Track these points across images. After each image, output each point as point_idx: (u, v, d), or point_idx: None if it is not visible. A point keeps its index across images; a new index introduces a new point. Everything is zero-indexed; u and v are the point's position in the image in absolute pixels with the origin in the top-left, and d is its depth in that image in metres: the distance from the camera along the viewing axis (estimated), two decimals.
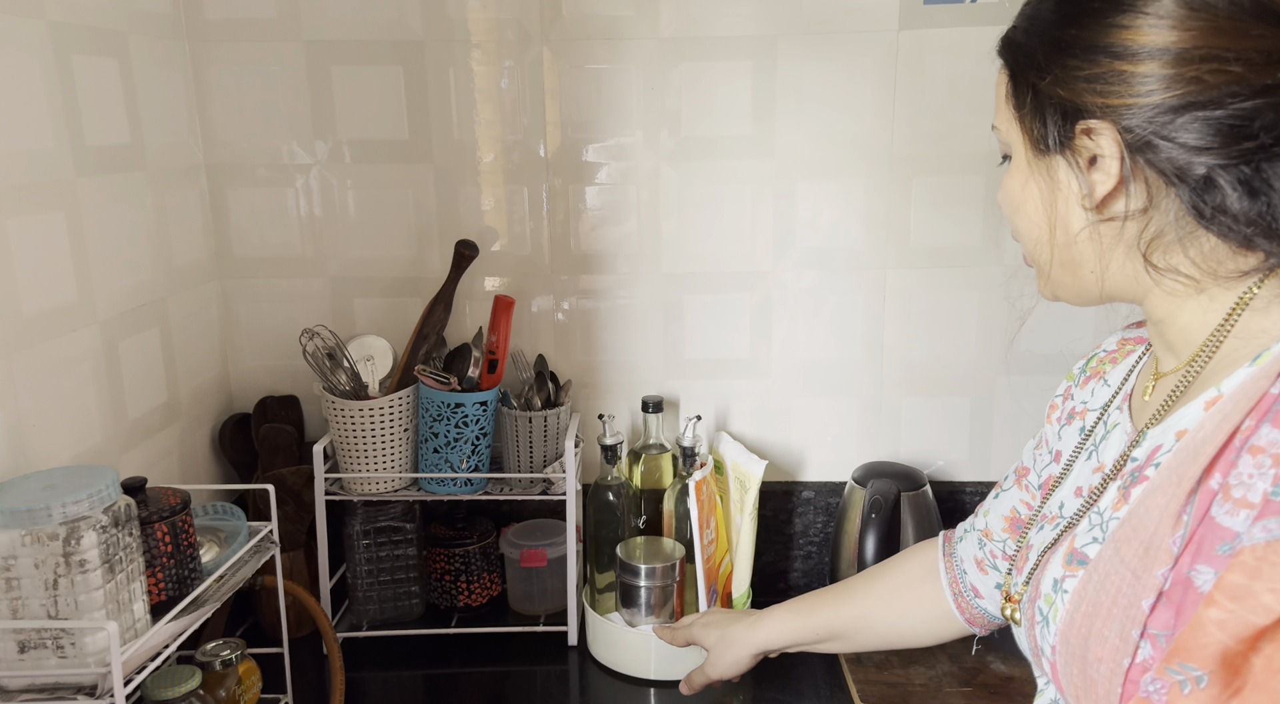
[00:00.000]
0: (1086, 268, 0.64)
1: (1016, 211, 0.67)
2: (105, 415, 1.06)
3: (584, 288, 1.35)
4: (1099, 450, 0.72)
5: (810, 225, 1.32)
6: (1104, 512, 0.64)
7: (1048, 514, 0.74)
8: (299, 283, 1.35)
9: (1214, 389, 0.59)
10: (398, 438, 1.23)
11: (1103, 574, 0.59)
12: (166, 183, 1.20)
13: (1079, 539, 0.65)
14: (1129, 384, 0.74)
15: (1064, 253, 0.65)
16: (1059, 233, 0.64)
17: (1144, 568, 0.55)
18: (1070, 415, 0.81)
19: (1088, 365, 0.83)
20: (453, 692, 1.18)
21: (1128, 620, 0.55)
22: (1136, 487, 0.61)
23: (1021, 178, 0.66)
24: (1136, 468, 0.63)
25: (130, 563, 0.83)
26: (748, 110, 1.28)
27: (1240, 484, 0.51)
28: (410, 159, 1.30)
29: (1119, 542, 0.58)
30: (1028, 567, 0.72)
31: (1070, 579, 0.62)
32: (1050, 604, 0.64)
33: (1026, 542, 0.76)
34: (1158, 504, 0.56)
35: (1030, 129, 0.63)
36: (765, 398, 1.38)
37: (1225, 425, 0.54)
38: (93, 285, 1.04)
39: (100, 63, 1.06)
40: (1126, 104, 0.57)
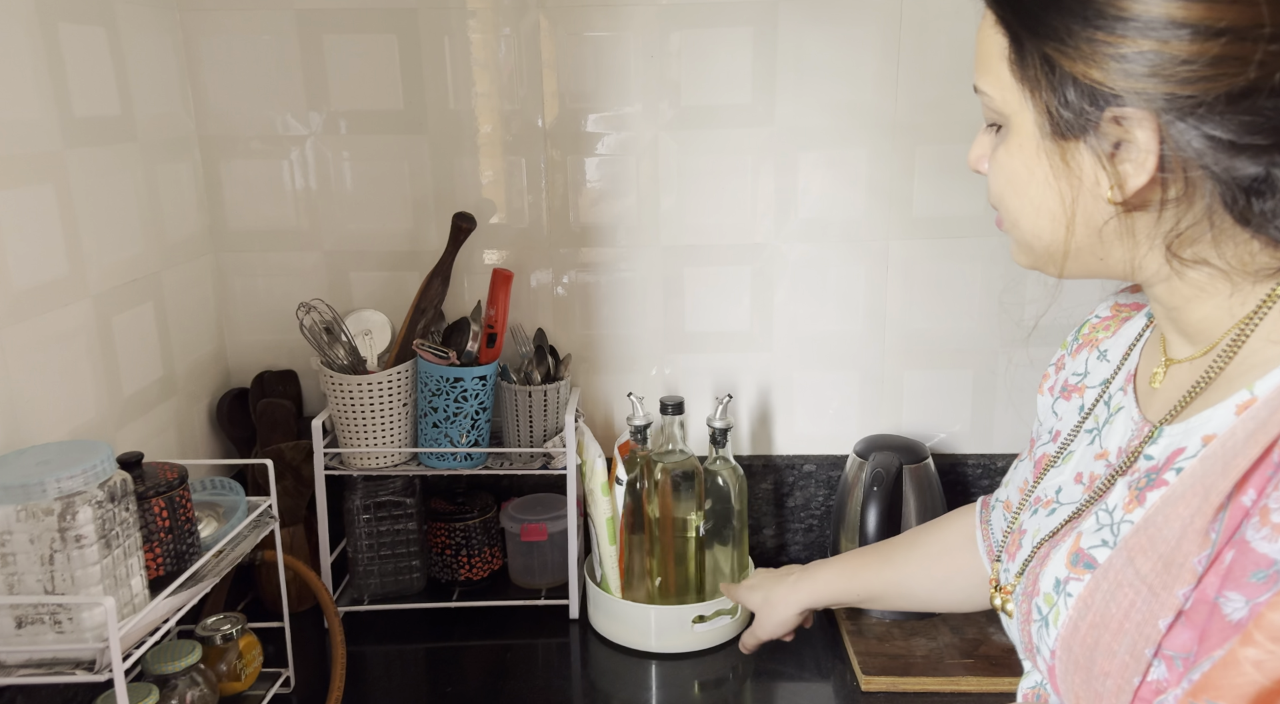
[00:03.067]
0: (1093, 255, 0.59)
1: (1016, 194, 0.60)
2: (100, 390, 1.05)
3: (583, 261, 1.34)
4: (1102, 435, 0.68)
5: (811, 196, 1.30)
6: (1113, 511, 0.60)
7: (1042, 497, 0.70)
8: (295, 256, 1.33)
9: (1246, 392, 0.54)
10: (397, 412, 1.22)
11: (1113, 584, 0.54)
12: (158, 155, 1.19)
13: (1086, 539, 0.60)
14: (1130, 361, 0.70)
15: (1082, 242, 0.58)
16: (1077, 225, 0.57)
17: (1163, 585, 0.51)
18: (1065, 388, 0.77)
19: (1079, 333, 0.79)
20: (454, 665, 1.18)
21: (1140, 638, 0.52)
22: (1153, 490, 0.57)
23: (1026, 158, 0.58)
24: (1153, 468, 0.58)
25: (127, 538, 0.82)
26: (748, 79, 1.26)
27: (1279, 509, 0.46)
28: (406, 130, 1.28)
29: (1133, 550, 0.54)
30: (1021, 554, 0.68)
31: (1075, 582, 0.58)
32: (1050, 605, 0.60)
33: (1019, 525, 0.72)
34: (1179, 516, 0.52)
35: (1045, 108, 0.55)
36: (766, 371, 1.37)
37: (1261, 436, 0.49)
38: (84, 259, 1.03)
39: (88, 31, 1.04)
40: (1172, 93, 0.49)
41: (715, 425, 1.22)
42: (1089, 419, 0.71)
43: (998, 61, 0.58)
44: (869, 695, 1.10)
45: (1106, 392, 0.70)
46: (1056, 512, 0.67)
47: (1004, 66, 0.57)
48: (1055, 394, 0.79)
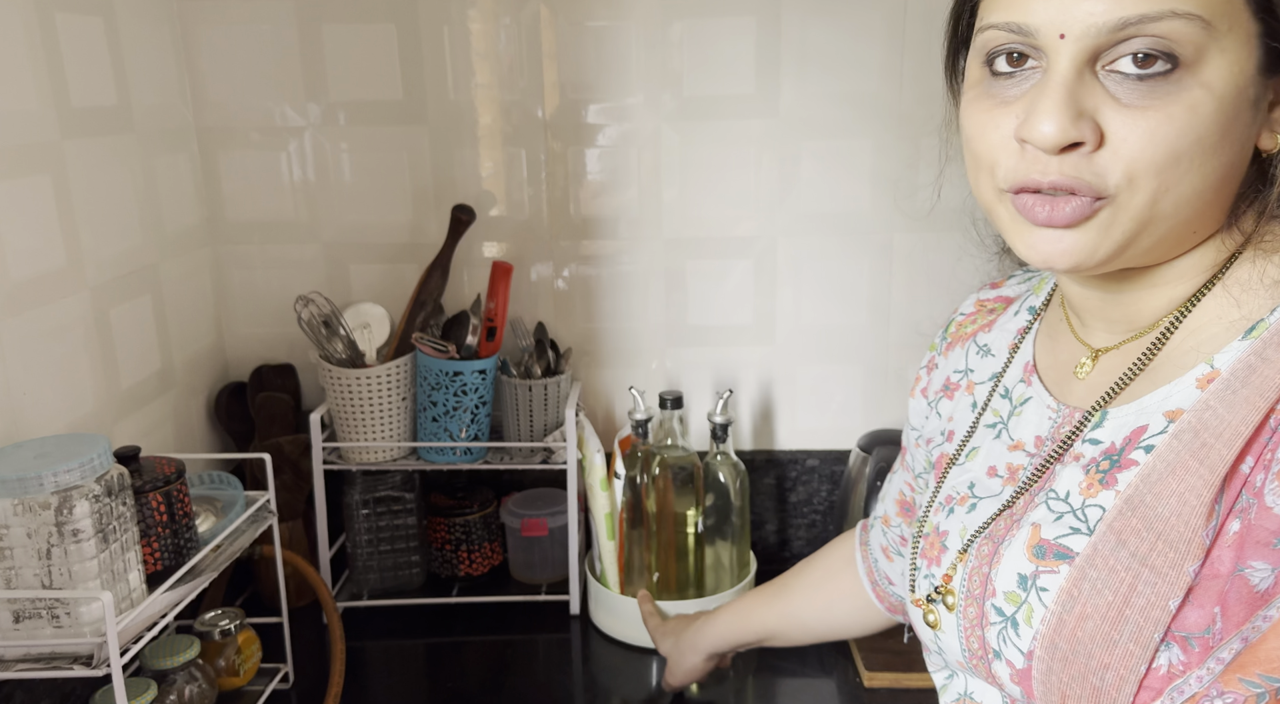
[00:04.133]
0: (1194, 224, 0.53)
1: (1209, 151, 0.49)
2: (97, 383, 1.04)
3: (584, 254, 1.33)
4: (1009, 427, 0.66)
5: (815, 188, 1.29)
6: (1068, 497, 0.57)
7: (954, 495, 0.67)
8: (293, 249, 1.32)
9: (1205, 365, 0.53)
10: (396, 406, 1.21)
11: (1104, 571, 0.52)
12: (156, 146, 1.18)
13: (1048, 530, 0.56)
14: (1023, 353, 0.68)
15: (1205, 206, 0.52)
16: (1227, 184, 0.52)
17: (1168, 564, 0.49)
18: (947, 387, 0.75)
19: (947, 332, 0.79)
20: (454, 661, 1.17)
21: (1147, 622, 0.49)
22: (1121, 471, 0.54)
23: (1236, 106, 0.48)
24: (1109, 451, 0.56)
25: (124, 532, 0.81)
26: (751, 69, 1.25)
27: None
28: (405, 121, 1.27)
29: (1122, 533, 0.52)
30: (946, 556, 0.64)
31: (1049, 575, 0.55)
32: (1017, 604, 0.56)
33: (931, 528, 0.68)
34: (1173, 492, 0.50)
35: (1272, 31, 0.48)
36: (769, 365, 1.36)
37: (1257, 403, 0.48)
38: (81, 251, 1.02)
39: (84, 21, 1.03)
40: None
41: (716, 421, 1.21)
42: (986, 413, 0.69)
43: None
44: (871, 692, 1.09)
45: (1000, 384, 0.69)
46: (978, 507, 0.64)
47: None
48: (934, 395, 0.77)
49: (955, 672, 0.66)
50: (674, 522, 1.21)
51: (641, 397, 1.20)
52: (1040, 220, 0.52)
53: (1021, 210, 0.53)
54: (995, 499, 0.63)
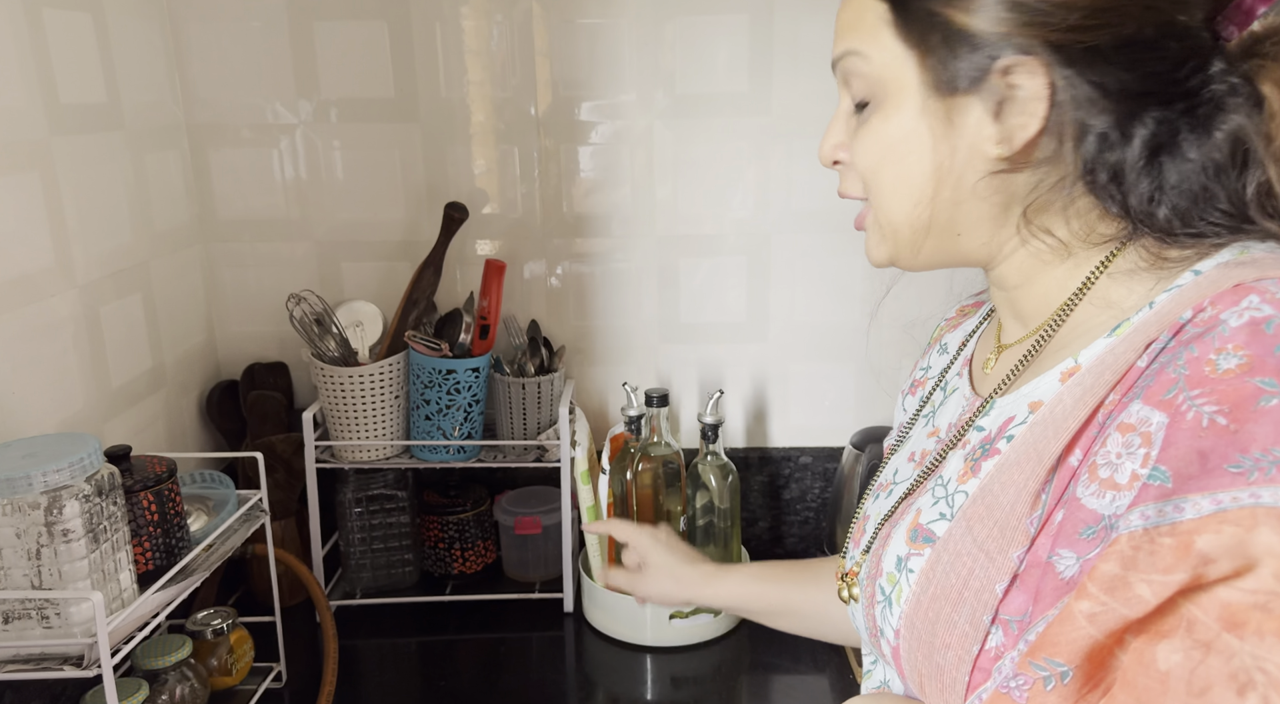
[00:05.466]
0: (952, 230, 0.58)
1: (894, 165, 0.58)
2: (88, 383, 1.04)
3: (577, 251, 1.32)
4: (935, 415, 0.69)
5: (808, 185, 1.29)
6: (948, 483, 0.59)
7: (883, 482, 0.70)
8: (285, 247, 1.32)
9: (1070, 360, 0.55)
10: (388, 405, 1.21)
11: (953, 554, 0.54)
12: (146, 143, 1.17)
13: (925, 515, 0.60)
14: (967, 350, 0.71)
15: (946, 213, 0.57)
16: (948, 190, 0.56)
17: (998, 549, 0.52)
18: (912, 385, 0.79)
19: (933, 334, 0.82)
20: (448, 659, 1.17)
21: (979, 605, 0.52)
22: (987, 460, 0.57)
23: (905, 122, 0.56)
24: (985, 439, 0.59)
25: (115, 532, 0.81)
26: (744, 67, 1.25)
27: (1108, 464, 0.47)
28: (397, 118, 1.27)
29: (970, 519, 0.54)
30: (864, 538, 0.67)
31: (916, 557, 0.58)
32: (893, 584, 0.59)
33: (863, 511, 0.71)
34: (1013, 481, 0.53)
35: (931, 64, 0.55)
36: (762, 362, 1.36)
37: (1088, 399, 0.51)
38: (70, 249, 1.01)
39: (73, 17, 1.03)
40: (1058, 39, 0.50)
41: (705, 421, 1.21)
42: (925, 406, 0.72)
43: (875, 25, 0.57)
44: None
45: (943, 379, 0.72)
46: (893, 492, 0.67)
47: (882, 30, 0.56)
48: (905, 393, 0.81)
49: (876, 658, 0.68)
50: (660, 519, 1.21)
51: (634, 393, 1.20)
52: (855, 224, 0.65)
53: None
54: (906, 484, 0.66)
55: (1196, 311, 0.48)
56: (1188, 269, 0.53)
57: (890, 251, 0.61)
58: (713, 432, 1.21)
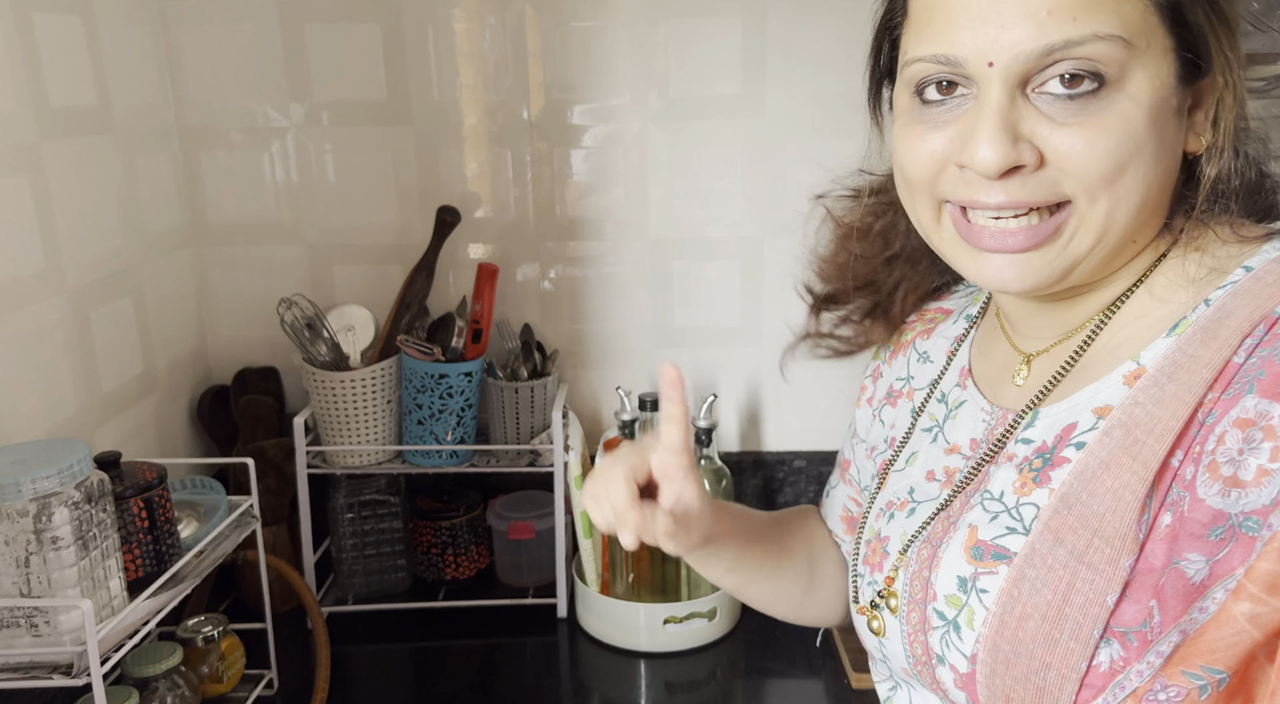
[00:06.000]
0: (1136, 234, 0.55)
1: (1142, 159, 0.50)
2: (78, 388, 1.03)
3: (570, 255, 1.32)
4: (945, 430, 0.66)
5: (801, 188, 1.28)
6: (1004, 497, 0.57)
7: (895, 500, 0.67)
8: (276, 250, 1.31)
9: (1130, 362, 0.54)
10: (380, 409, 1.21)
11: (1043, 569, 0.52)
12: (136, 146, 1.16)
13: (984, 531, 0.56)
14: (959, 359, 0.69)
15: (1144, 211, 0.53)
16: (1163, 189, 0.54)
17: (1106, 560, 0.50)
18: (890, 395, 0.76)
19: (890, 342, 0.79)
20: (441, 665, 1.17)
21: (1086, 619, 0.50)
22: (1054, 469, 0.55)
23: (1162, 114, 0.51)
24: (1040, 449, 0.57)
25: (105, 539, 0.80)
26: (738, 70, 1.25)
27: (1230, 461, 0.46)
28: (389, 121, 1.26)
29: (1059, 531, 0.52)
30: (888, 561, 0.64)
31: (988, 576, 0.55)
32: (958, 606, 0.56)
33: (872, 534, 0.68)
34: (1107, 488, 0.51)
35: (1187, 52, 0.51)
36: (756, 365, 1.36)
37: (1186, 398, 0.49)
38: (60, 253, 1.00)
39: (63, 20, 1.02)
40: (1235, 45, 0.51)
41: (699, 425, 1.21)
42: (921, 418, 0.70)
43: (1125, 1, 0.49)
44: (859, 693, 1.09)
45: (937, 390, 0.69)
46: (916, 511, 0.64)
47: (1139, 7, 0.49)
48: (878, 403, 0.78)
49: (899, 683, 0.66)
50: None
51: (628, 397, 1.20)
52: (987, 247, 0.54)
53: (965, 236, 0.55)
54: (933, 502, 0.63)
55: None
56: (1235, 264, 0.53)
57: (1063, 273, 0.54)
58: (707, 436, 1.21)
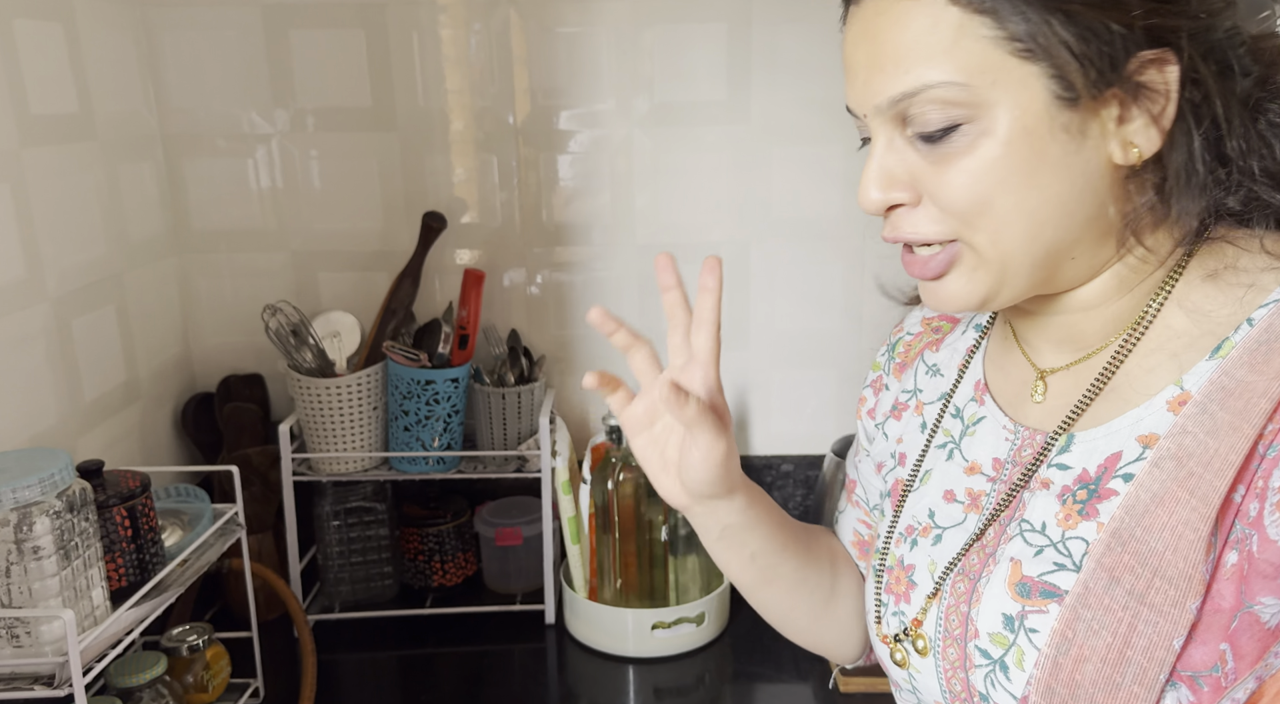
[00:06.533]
0: (1068, 253, 0.53)
1: (1012, 191, 0.51)
2: (60, 396, 1.02)
3: (557, 260, 1.32)
4: (962, 448, 0.63)
5: (787, 193, 1.29)
6: (1046, 529, 0.54)
7: (915, 525, 0.64)
8: (261, 257, 1.30)
9: (1174, 387, 0.51)
10: (366, 416, 1.20)
11: (1099, 610, 0.49)
12: (119, 154, 1.16)
13: (1030, 566, 0.54)
14: (973, 371, 0.66)
15: (1070, 235, 0.52)
16: (1077, 209, 0.51)
17: (1170, 602, 0.47)
18: (895, 407, 0.73)
19: (894, 351, 0.75)
20: (428, 672, 1.16)
21: (1151, 663, 0.47)
22: (1102, 502, 0.52)
23: (1031, 145, 0.50)
24: (1083, 479, 0.54)
25: (87, 549, 0.79)
26: (723, 75, 1.25)
27: None
28: (375, 127, 1.26)
29: (1115, 570, 0.49)
30: (916, 593, 0.62)
31: (1038, 615, 0.52)
32: (1004, 646, 0.54)
33: (895, 561, 0.65)
34: (1165, 525, 0.48)
35: (1052, 72, 0.48)
36: (743, 370, 1.36)
37: (1245, 430, 0.47)
38: (42, 261, 1.00)
39: (44, 27, 1.01)
40: (1200, 28, 0.47)
41: None
42: (936, 435, 0.66)
43: (959, 44, 0.49)
44: (847, 697, 1.09)
45: (950, 404, 0.66)
46: (944, 538, 0.61)
47: (978, 48, 0.49)
48: (882, 416, 0.74)
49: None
50: (642, 528, 1.20)
51: None
52: (914, 273, 0.57)
53: (903, 262, 0.58)
54: (960, 529, 0.61)
55: None
56: (1275, 280, 0.50)
57: (988, 291, 0.54)
58: None
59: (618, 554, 1.21)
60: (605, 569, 1.22)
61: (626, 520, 1.20)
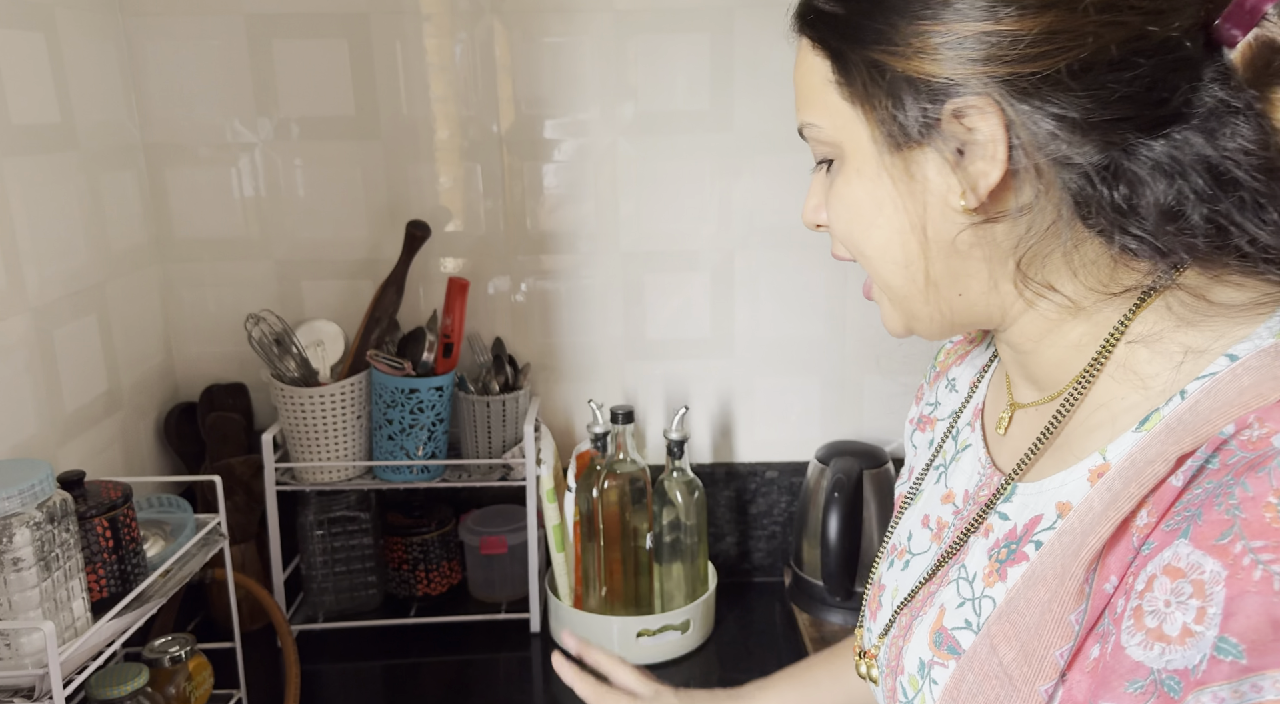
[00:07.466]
0: (951, 288, 0.53)
1: (865, 229, 0.53)
2: (41, 407, 1.01)
3: (542, 268, 1.32)
4: (948, 473, 0.63)
5: (770, 202, 1.30)
6: (974, 581, 0.54)
7: (897, 546, 0.65)
8: (244, 266, 1.30)
9: (1098, 456, 0.49)
10: (350, 425, 1.20)
11: (980, 675, 0.49)
12: (101, 163, 1.15)
13: (949, 616, 0.54)
14: (978, 394, 0.65)
15: (925, 270, 0.52)
16: (929, 248, 0.52)
17: (1024, 679, 0.47)
18: (920, 421, 0.73)
19: (936, 361, 0.74)
20: (413, 682, 1.16)
21: None
22: (1014, 566, 0.51)
23: (867, 182, 0.52)
24: (1012, 535, 0.53)
25: (68, 560, 0.79)
26: (706, 85, 1.26)
27: (1154, 612, 0.41)
28: (358, 136, 1.26)
29: (996, 638, 0.49)
30: (881, 615, 0.63)
31: (939, 668, 0.53)
32: (916, 689, 0.55)
33: (878, 577, 0.66)
34: (1039, 600, 0.47)
35: (878, 118, 0.50)
36: (728, 377, 1.37)
37: (1111, 513, 0.45)
38: (22, 271, 0.99)
39: (25, 37, 1.01)
40: (1007, 73, 0.45)
41: (671, 438, 1.21)
42: (937, 455, 0.66)
43: (822, 88, 0.53)
44: None
45: (954, 426, 0.66)
46: (911, 565, 0.62)
47: (829, 91, 0.53)
48: (910, 428, 0.75)
49: None
50: (627, 536, 1.20)
51: (600, 410, 1.20)
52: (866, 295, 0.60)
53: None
54: (925, 557, 0.61)
55: (1241, 427, 0.42)
56: (1221, 346, 0.46)
57: (903, 321, 0.57)
58: (678, 447, 1.21)
59: (603, 562, 1.21)
60: (590, 577, 1.22)
61: (611, 528, 1.20)
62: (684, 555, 1.23)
